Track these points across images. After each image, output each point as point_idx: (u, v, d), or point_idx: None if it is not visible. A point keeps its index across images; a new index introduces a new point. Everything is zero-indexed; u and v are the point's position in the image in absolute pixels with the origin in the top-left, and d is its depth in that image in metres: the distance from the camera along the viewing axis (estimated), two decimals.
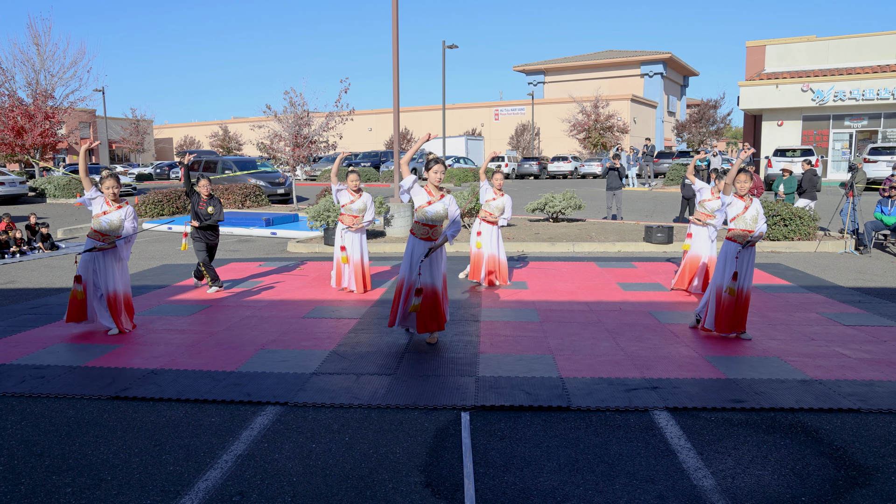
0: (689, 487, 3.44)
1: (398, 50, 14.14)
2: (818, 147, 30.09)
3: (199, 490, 3.44)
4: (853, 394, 4.72)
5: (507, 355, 5.70)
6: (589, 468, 3.66)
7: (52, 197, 25.03)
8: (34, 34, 27.69)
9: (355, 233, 8.32)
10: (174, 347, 6.01)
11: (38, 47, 27.65)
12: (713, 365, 5.40)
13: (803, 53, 31.45)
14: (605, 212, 17.64)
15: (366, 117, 59.47)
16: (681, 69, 66.42)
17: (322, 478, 3.58)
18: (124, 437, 4.10)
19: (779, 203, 12.97)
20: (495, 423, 4.28)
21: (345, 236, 8.36)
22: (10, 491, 3.44)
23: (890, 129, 29.35)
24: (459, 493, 3.40)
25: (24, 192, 24.31)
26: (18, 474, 3.63)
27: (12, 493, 3.41)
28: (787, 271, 9.89)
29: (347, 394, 4.79)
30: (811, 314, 7.19)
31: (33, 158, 28.84)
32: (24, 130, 27.23)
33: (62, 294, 8.66)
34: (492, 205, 8.62)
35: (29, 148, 27.93)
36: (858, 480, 3.51)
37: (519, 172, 40.95)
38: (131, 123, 54.01)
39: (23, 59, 27.56)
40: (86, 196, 6.45)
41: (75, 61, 28.55)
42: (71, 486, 3.51)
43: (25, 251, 12.75)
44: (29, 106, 27.33)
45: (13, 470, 3.68)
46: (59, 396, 4.81)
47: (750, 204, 6.09)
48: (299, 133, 20.68)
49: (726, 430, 4.16)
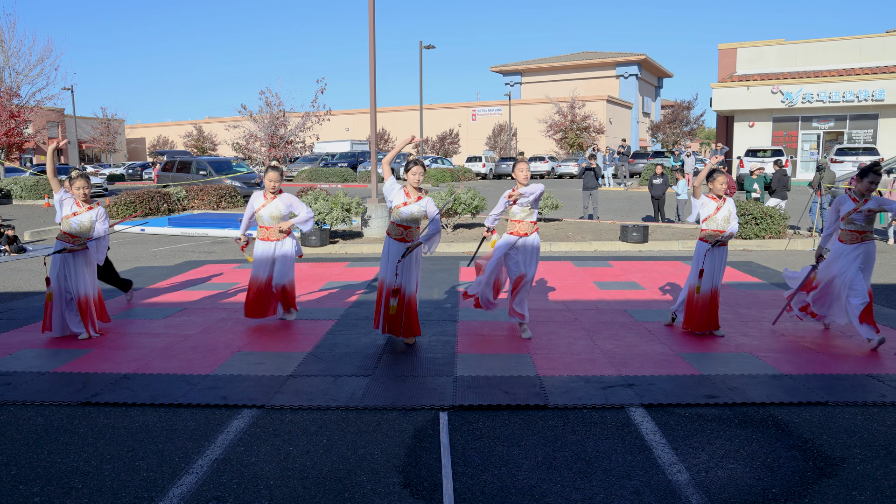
0: (664, 482, 3.49)
1: (375, 50, 14.09)
2: (788, 148, 30.64)
3: (174, 496, 3.39)
4: (821, 387, 4.82)
5: (485, 355, 5.71)
6: (566, 465, 3.69)
7: (19, 198, 24.48)
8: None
9: (272, 243, 6.69)
10: (147, 351, 5.93)
11: (1, 44, 27.01)
12: (687, 361, 5.48)
13: (773, 56, 32.03)
14: (581, 211, 17.77)
15: (343, 117, 59.21)
16: (655, 71, 67.19)
17: (300, 480, 3.55)
18: (96, 444, 4.03)
19: (750, 202, 13.18)
20: (473, 423, 4.29)
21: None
22: None
23: (855, 131, 30.02)
24: (438, 492, 3.41)
25: None
26: None
27: None
28: (759, 269, 10.06)
29: (325, 395, 4.77)
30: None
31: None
32: None
33: (30, 298, 8.49)
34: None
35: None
36: (826, 471, 3.59)
37: (496, 172, 41.10)
38: (102, 123, 53.11)
39: None
40: (55, 197, 6.34)
41: (42, 59, 27.96)
42: (39, 495, 3.43)
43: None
44: None
45: None
46: (26, 403, 4.70)
47: (722, 205, 6.18)
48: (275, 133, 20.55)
49: (700, 425, 4.22)
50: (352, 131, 59.76)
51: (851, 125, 30.14)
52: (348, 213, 13.21)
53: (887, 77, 28.37)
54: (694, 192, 6.33)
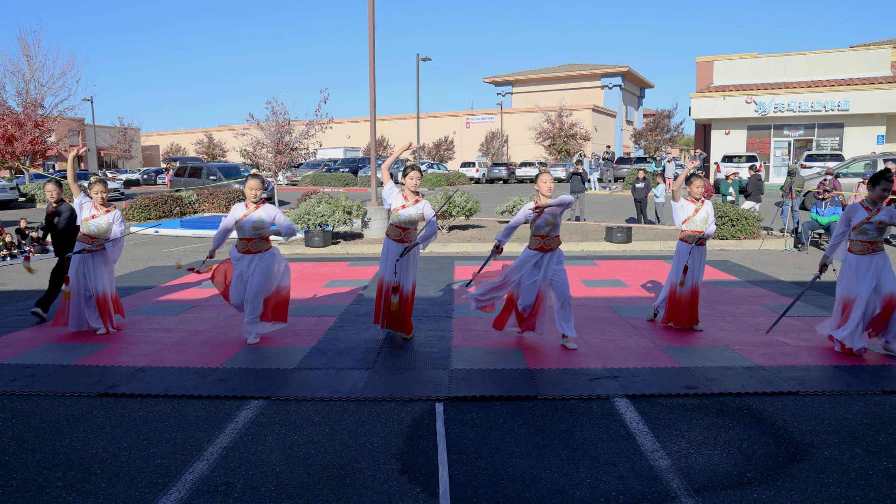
0: (646, 468, 3.49)
1: (374, 62, 14.08)
2: (761, 154, 30.75)
3: (186, 481, 3.38)
4: (792, 378, 4.83)
5: (479, 349, 5.71)
6: (555, 452, 3.68)
7: (42, 202, 24.39)
8: (24, 46, 27.02)
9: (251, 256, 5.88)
10: (161, 345, 5.90)
11: (27, 58, 26.99)
12: (668, 354, 5.48)
13: (747, 69, 32.10)
14: (568, 213, 17.78)
15: (344, 125, 59.06)
16: (638, 82, 67.23)
17: (304, 467, 3.54)
18: (113, 432, 4.01)
19: (727, 205, 13.22)
20: (468, 413, 4.28)
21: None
22: (1, 485, 3.34)
23: (823, 139, 30.13)
24: (434, 479, 3.40)
25: (14, 197, 23.65)
26: (10, 470, 3.53)
27: (4, 488, 3.32)
28: (735, 267, 10.08)
29: (328, 387, 4.75)
30: (756, 306, 7.33)
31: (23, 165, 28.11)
32: (14, 138, 26.49)
33: None
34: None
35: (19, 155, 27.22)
36: (797, 456, 3.60)
37: (489, 177, 41.08)
38: (119, 131, 52.90)
39: (13, 70, 26.89)
40: (76, 201, 6.30)
41: (64, 72, 27.92)
42: (62, 479, 3.42)
43: (16, 255, 12.41)
44: (19, 115, 26.63)
45: (5, 465, 3.58)
46: (49, 394, 4.68)
47: (700, 207, 6.17)
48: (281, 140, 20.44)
49: (680, 414, 4.22)
50: (353, 138, 59.60)
51: (820, 133, 30.25)
52: (349, 215, 13.18)
53: (852, 89, 28.51)
54: (673, 196, 6.31)
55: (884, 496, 3.16)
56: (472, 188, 33.23)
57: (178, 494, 3.25)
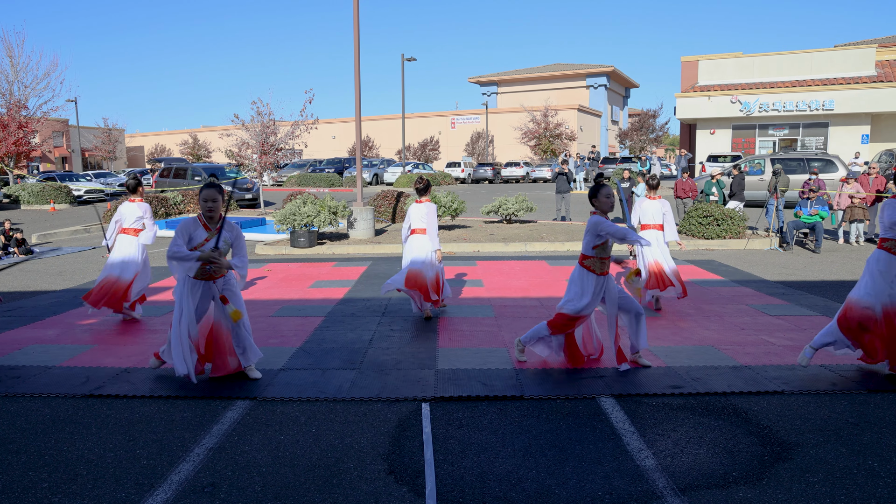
0: (632, 467, 3.51)
1: (360, 62, 14.06)
2: (746, 153, 30.99)
3: (173, 482, 3.36)
4: (777, 377, 4.88)
5: (465, 349, 5.72)
6: (541, 452, 3.70)
7: (27, 203, 24.07)
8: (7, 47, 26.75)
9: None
10: (147, 346, 5.85)
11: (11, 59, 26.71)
12: (654, 354, 5.52)
13: (732, 68, 32.37)
14: (554, 213, 17.85)
15: (330, 126, 58.84)
16: (623, 81, 67.63)
17: (290, 468, 3.53)
18: (99, 434, 3.98)
19: (712, 205, 13.32)
20: (454, 413, 4.29)
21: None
22: None
23: (807, 138, 30.46)
24: (421, 479, 3.40)
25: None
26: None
27: None
28: (720, 267, 10.17)
29: (314, 388, 4.74)
30: (741, 306, 7.41)
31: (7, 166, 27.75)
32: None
33: (37, 297, 8.35)
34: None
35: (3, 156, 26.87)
36: (782, 455, 3.64)
37: (474, 177, 41.09)
38: (103, 132, 52.31)
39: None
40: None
41: (48, 73, 27.70)
42: (47, 480, 3.39)
43: (0, 256, 12.24)
44: (3, 116, 26.31)
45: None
46: (34, 396, 4.63)
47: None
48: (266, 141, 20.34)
49: (666, 413, 4.26)
50: (338, 139, 59.42)
51: (804, 133, 30.57)
52: (335, 215, 13.14)
53: (836, 88, 28.84)
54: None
55: (868, 495, 3.21)
56: (458, 188, 33.25)
57: (164, 495, 3.23)
